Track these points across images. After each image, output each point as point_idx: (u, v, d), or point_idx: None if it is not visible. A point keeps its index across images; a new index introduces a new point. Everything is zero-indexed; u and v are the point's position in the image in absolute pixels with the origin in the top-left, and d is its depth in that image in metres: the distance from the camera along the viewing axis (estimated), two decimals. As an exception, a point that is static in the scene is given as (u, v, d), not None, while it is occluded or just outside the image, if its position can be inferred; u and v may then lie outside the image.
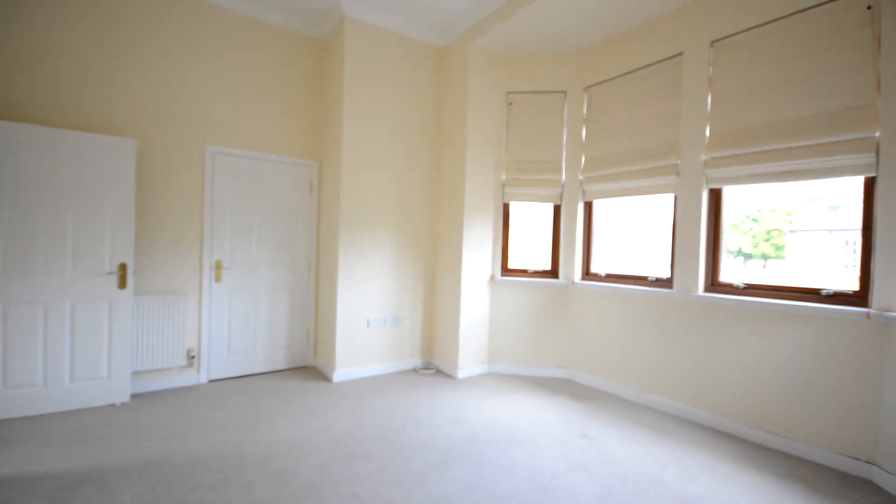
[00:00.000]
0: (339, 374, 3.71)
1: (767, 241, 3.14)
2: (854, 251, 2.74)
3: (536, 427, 2.88)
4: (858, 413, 2.33)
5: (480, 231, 4.00)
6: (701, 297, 3.02)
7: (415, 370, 4.09)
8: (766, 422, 2.68)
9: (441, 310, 4.16)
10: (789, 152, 2.64)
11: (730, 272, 3.10)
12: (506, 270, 4.14)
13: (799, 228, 3.07)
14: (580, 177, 3.92)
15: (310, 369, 4.03)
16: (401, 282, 4.07)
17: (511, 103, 4.07)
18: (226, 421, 2.83)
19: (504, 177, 4.08)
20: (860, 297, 2.41)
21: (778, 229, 3.13)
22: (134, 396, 3.18)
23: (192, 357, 3.48)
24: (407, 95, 4.04)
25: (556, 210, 4.06)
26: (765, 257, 3.13)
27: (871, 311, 2.28)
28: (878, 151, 2.30)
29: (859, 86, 2.37)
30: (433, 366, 4.19)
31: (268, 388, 3.47)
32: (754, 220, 3.17)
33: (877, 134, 2.30)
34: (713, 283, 3.08)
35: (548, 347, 4.02)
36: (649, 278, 3.46)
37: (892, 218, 2.25)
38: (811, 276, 2.87)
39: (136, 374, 3.24)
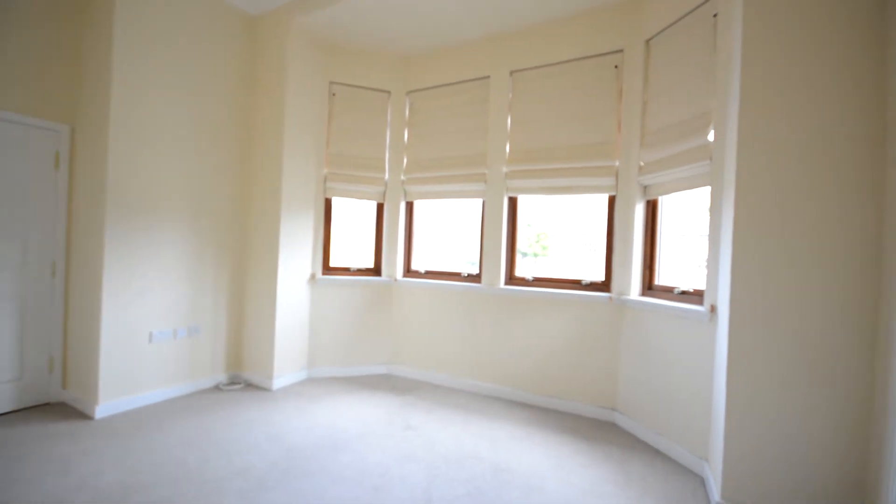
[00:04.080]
0: (105, 408, 2.87)
1: (537, 242, 3.88)
2: (591, 251, 3.64)
3: (362, 427, 2.84)
4: (605, 372, 3.11)
5: (299, 227, 3.70)
6: (502, 289, 3.51)
7: (218, 387, 3.50)
8: (547, 388, 3.31)
9: (252, 314, 3.68)
10: (562, 171, 3.31)
11: (521, 267, 3.70)
12: (327, 269, 3.94)
13: (558, 232, 3.91)
14: (402, 177, 4.05)
15: (57, 406, 2.99)
16: (199, 283, 3.41)
17: (334, 94, 3.89)
18: None
19: (325, 171, 3.88)
20: (606, 285, 3.22)
21: (545, 232, 3.90)
22: None
23: None
24: (210, 61, 3.39)
25: (380, 208, 4.09)
26: (535, 255, 3.86)
27: (612, 295, 3.08)
28: (617, 177, 3.11)
29: (608, 125, 3.15)
30: (242, 379, 3.67)
31: (-22, 444, 2.42)
32: (528, 224, 3.86)
33: (617, 163, 3.11)
34: (511, 278, 3.62)
35: (370, 345, 4.01)
36: (462, 274, 3.83)
37: (623, 228, 3.08)
38: (566, 269, 3.67)
39: None
